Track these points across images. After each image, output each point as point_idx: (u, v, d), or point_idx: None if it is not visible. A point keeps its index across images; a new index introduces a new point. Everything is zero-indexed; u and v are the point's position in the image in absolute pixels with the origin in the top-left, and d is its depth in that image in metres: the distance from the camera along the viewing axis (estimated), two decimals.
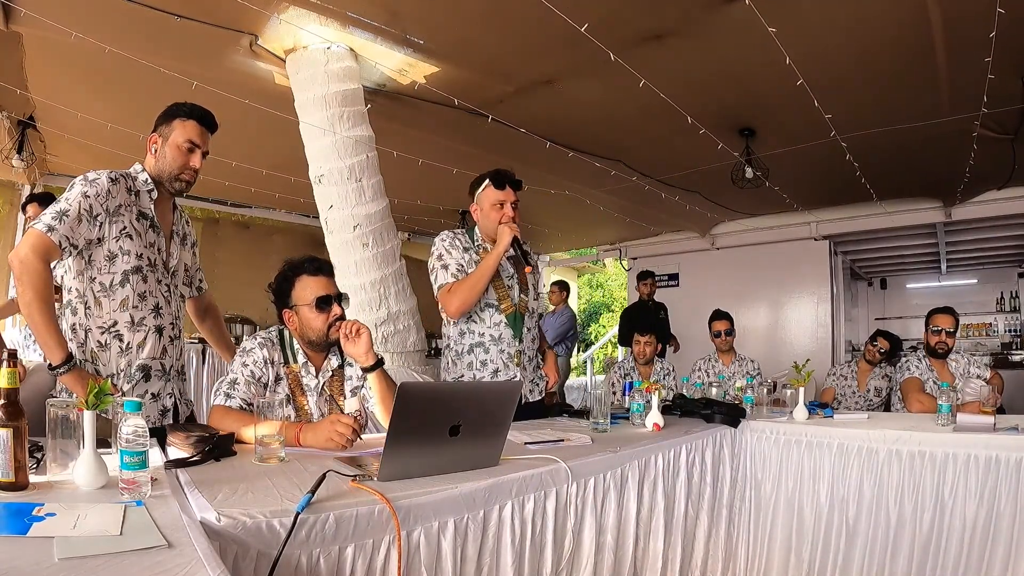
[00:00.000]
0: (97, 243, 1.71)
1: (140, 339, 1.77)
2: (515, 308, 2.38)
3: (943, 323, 3.24)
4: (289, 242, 7.19)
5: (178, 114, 1.83)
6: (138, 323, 1.77)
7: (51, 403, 1.22)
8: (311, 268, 1.89)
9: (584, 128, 4.30)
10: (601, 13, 2.75)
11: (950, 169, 4.86)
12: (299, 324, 1.87)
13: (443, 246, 2.36)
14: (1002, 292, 8.00)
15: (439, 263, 2.34)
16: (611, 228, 7.59)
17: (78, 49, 3.07)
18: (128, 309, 1.75)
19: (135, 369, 1.77)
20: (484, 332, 2.35)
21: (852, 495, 2.30)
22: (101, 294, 1.72)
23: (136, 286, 1.76)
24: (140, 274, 1.77)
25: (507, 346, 2.35)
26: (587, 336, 14.16)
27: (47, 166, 5.45)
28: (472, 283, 2.27)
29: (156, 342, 1.81)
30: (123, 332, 1.75)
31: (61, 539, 0.86)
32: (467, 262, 2.34)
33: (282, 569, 1.03)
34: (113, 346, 1.74)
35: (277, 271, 1.97)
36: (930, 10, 2.79)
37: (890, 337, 4.24)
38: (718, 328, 4.14)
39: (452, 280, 2.30)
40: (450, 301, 2.28)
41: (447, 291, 2.30)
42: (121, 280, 1.74)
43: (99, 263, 1.72)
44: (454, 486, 1.33)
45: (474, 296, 2.28)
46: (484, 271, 2.27)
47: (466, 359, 2.36)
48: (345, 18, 3.03)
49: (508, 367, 2.35)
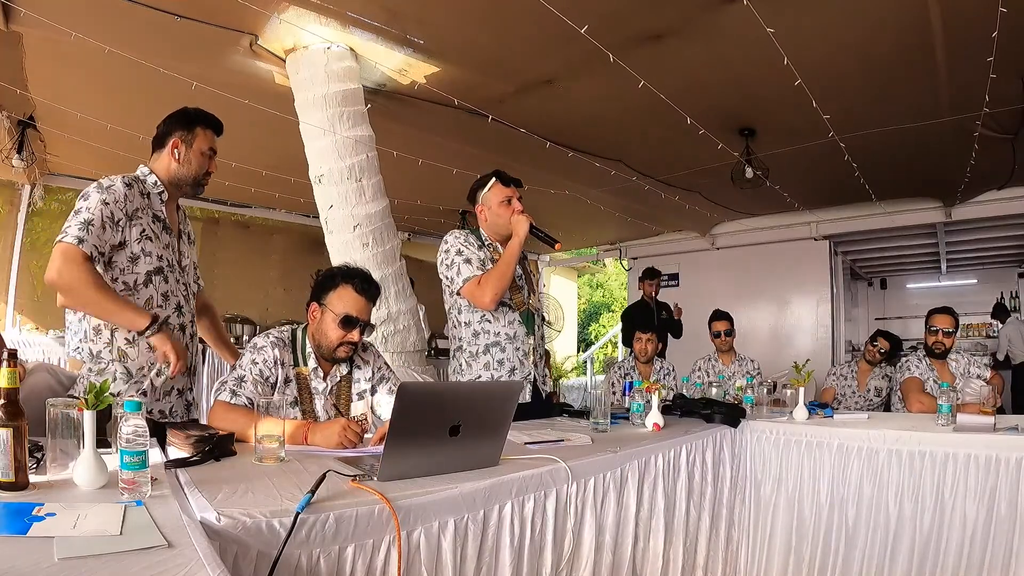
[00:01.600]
0: (119, 247, 1.75)
1: None
2: (527, 306, 2.40)
3: (941, 323, 3.24)
4: (289, 242, 7.20)
5: (198, 122, 1.90)
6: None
7: (51, 403, 1.22)
8: (360, 284, 1.88)
9: (584, 128, 4.30)
10: (601, 13, 2.75)
11: (950, 169, 4.86)
12: (318, 324, 1.87)
13: (459, 243, 2.35)
14: (1002, 292, 7.99)
15: (460, 258, 2.32)
16: (611, 228, 7.59)
17: (78, 49, 3.07)
18: (153, 308, 1.79)
19: (162, 365, 1.79)
20: (500, 331, 2.34)
21: (852, 495, 2.30)
22: (125, 293, 1.76)
23: (159, 286, 1.82)
24: (162, 275, 1.83)
25: (522, 344, 2.36)
26: (587, 336, 14.16)
27: (47, 166, 5.45)
28: (501, 272, 2.27)
29: (180, 340, 1.85)
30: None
31: (61, 539, 0.86)
32: (484, 259, 2.34)
33: (282, 569, 1.03)
34: (141, 343, 1.77)
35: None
36: (930, 10, 2.79)
37: (890, 337, 4.24)
38: (717, 328, 4.14)
39: (479, 272, 2.29)
40: (483, 292, 2.27)
41: (476, 283, 2.28)
42: (144, 280, 1.79)
43: (121, 264, 1.75)
44: (454, 486, 1.32)
45: (504, 286, 2.28)
46: (509, 260, 2.27)
47: (482, 359, 2.35)
48: (345, 18, 3.03)
49: (524, 364, 2.36)
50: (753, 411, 2.65)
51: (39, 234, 5.80)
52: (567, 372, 9.97)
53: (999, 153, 4.38)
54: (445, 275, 2.36)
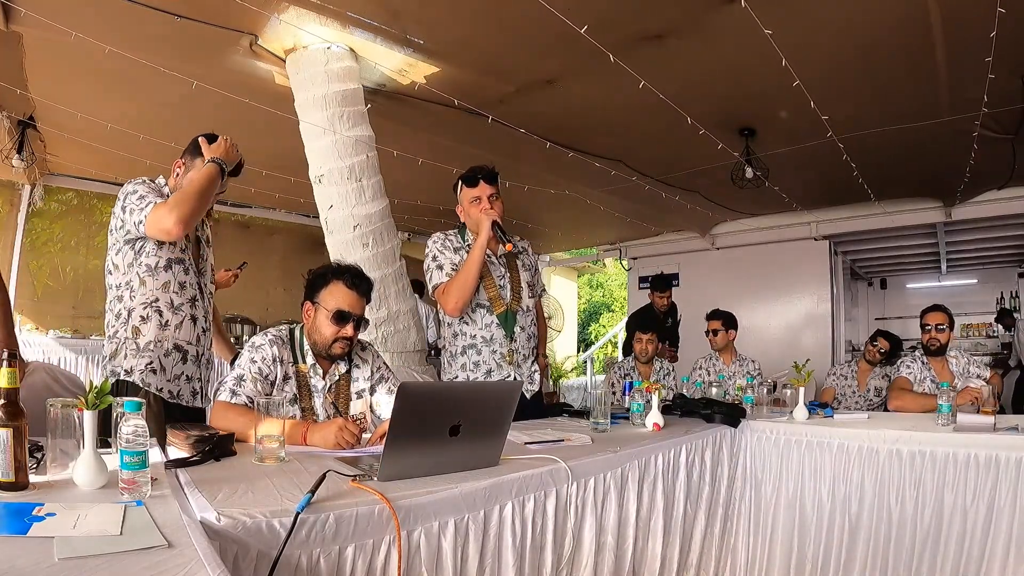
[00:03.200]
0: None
1: (177, 322, 1.92)
2: (506, 307, 2.39)
3: (933, 320, 3.27)
4: (289, 242, 7.20)
5: (200, 152, 1.96)
6: (177, 307, 1.92)
7: (51, 403, 1.22)
8: (350, 279, 1.90)
9: (584, 128, 4.30)
10: (601, 13, 2.75)
11: (950, 169, 4.86)
12: (312, 321, 1.88)
13: (436, 247, 2.42)
14: (1002, 292, 7.99)
15: (433, 263, 2.39)
16: (611, 228, 7.58)
17: (78, 49, 3.07)
18: (169, 292, 1.90)
19: (171, 345, 1.90)
20: (476, 334, 2.38)
21: (853, 495, 2.30)
22: (146, 275, 1.87)
23: (177, 275, 1.92)
24: (182, 265, 1.93)
25: (499, 347, 2.38)
26: (587, 336, 14.16)
27: (47, 166, 5.44)
28: (463, 279, 2.30)
29: (191, 329, 1.96)
30: (163, 309, 1.89)
31: (61, 539, 0.86)
32: (459, 262, 2.37)
33: (282, 569, 1.03)
34: (153, 319, 1.88)
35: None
36: (930, 10, 2.79)
37: (890, 337, 4.24)
38: (709, 328, 4.16)
39: (447, 279, 2.35)
40: (447, 300, 2.33)
41: (442, 291, 2.34)
42: (166, 264, 1.90)
43: (148, 249, 1.88)
44: (454, 486, 1.32)
45: (467, 291, 2.31)
46: (471, 264, 2.30)
47: (459, 360, 2.40)
48: (345, 18, 3.03)
49: (501, 367, 2.37)
50: (753, 411, 2.64)
51: (39, 234, 5.80)
52: (567, 372, 9.96)
53: (999, 153, 4.37)
54: (426, 278, 2.44)
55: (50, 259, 5.85)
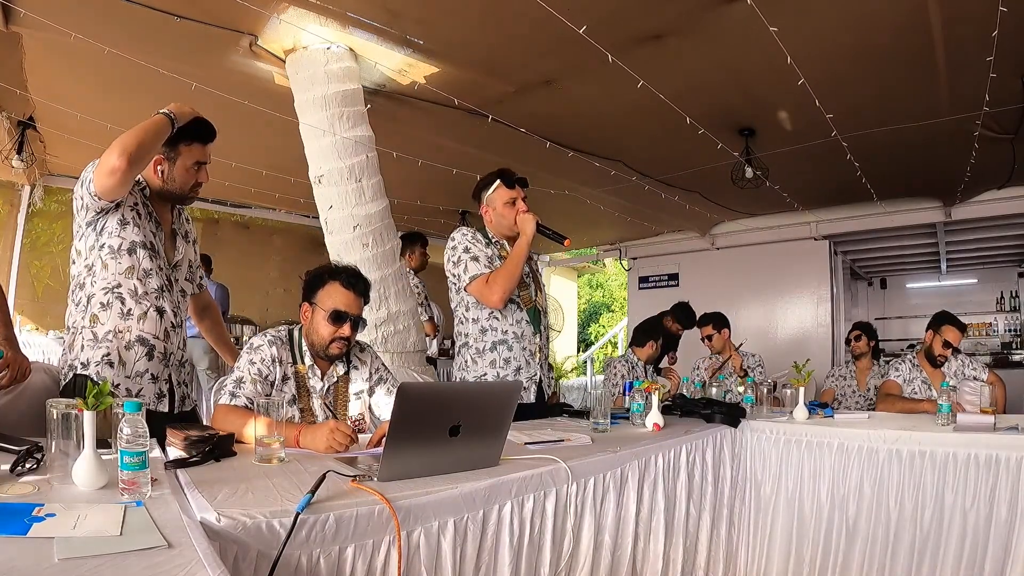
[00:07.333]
0: (114, 208, 1.75)
1: (141, 312, 1.79)
2: (534, 303, 2.40)
3: (953, 338, 3.16)
4: (289, 242, 7.20)
5: (182, 138, 1.82)
6: (141, 296, 1.80)
7: (51, 403, 1.22)
8: (347, 280, 1.89)
9: (584, 128, 4.30)
10: (600, 13, 2.75)
11: (950, 169, 4.86)
12: (310, 322, 1.88)
13: (467, 240, 2.35)
14: (1002, 292, 7.99)
15: (467, 255, 2.32)
16: (611, 228, 7.58)
17: (78, 49, 3.07)
18: (132, 278, 1.78)
19: (133, 337, 1.78)
20: (507, 329, 2.35)
21: (852, 495, 2.30)
22: (108, 257, 1.76)
23: (142, 261, 1.80)
24: (146, 250, 1.81)
25: (528, 343, 2.37)
26: (587, 336, 14.15)
27: (47, 166, 5.45)
28: (510, 272, 2.28)
29: (158, 322, 1.83)
30: (125, 297, 1.78)
31: (61, 539, 0.86)
32: (492, 256, 2.34)
33: (282, 569, 1.03)
34: (114, 306, 1.76)
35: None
36: (930, 10, 2.79)
37: (861, 325, 4.36)
38: (702, 335, 4.17)
39: (487, 271, 2.30)
40: (491, 291, 2.28)
41: (484, 282, 2.28)
42: (129, 248, 1.78)
43: (111, 228, 1.75)
44: (454, 486, 1.33)
45: (512, 285, 2.29)
46: (517, 259, 2.29)
47: (488, 356, 2.35)
48: (345, 18, 3.03)
49: (530, 364, 2.37)
50: (753, 411, 2.64)
51: (39, 234, 5.80)
52: (567, 372, 9.96)
53: (999, 153, 4.37)
54: (452, 272, 2.36)
55: (50, 259, 5.85)
